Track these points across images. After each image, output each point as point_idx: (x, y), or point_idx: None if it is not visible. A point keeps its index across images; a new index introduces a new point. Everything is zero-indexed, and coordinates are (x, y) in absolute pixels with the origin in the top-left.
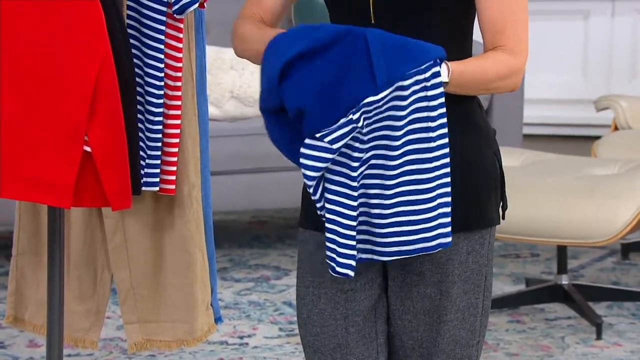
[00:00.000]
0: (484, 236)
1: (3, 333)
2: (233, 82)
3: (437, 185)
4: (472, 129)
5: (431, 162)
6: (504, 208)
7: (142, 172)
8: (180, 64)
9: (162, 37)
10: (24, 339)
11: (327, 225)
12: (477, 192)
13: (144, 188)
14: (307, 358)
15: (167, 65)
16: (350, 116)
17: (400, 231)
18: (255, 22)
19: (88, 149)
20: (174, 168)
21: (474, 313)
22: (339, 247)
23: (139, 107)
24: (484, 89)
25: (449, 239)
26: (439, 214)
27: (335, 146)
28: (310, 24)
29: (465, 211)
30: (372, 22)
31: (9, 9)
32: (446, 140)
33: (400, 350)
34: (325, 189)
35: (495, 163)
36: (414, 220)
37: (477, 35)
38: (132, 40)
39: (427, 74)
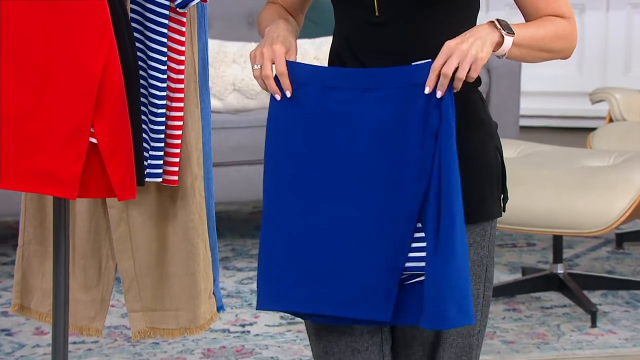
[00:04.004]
0: (485, 228)
1: (10, 321)
2: (235, 75)
3: None
4: (474, 122)
5: None
6: (505, 200)
7: (146, 163)
8: (182, 57)
9: (165, 31)
10: (30, 327)
11: None
12: (479, 185)
13: (147, 179)
14: (312, 345)
15: (170, 59)
16: None
17: None
18: (272, 9)
19: (94, 140)
20: (177, 159)
21: (475, 303)
22: None
23: (142, 100)
24: (544, 50)
25: None
26: None
27: None
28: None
29: (467, 204)
30: (377, 14)
31: (18, 7)
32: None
33: (402, 338)
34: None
35: (497, 156)
36: None
37: None
38: (135, 34)
39: None
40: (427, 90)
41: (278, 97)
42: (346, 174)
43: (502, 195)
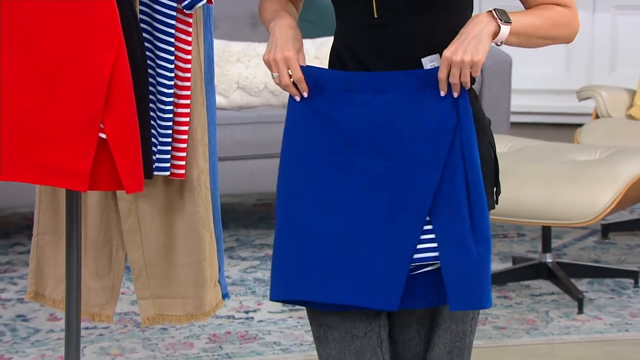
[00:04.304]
0: None
1: (25, 307)
2: (239, 74)
3: None
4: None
5: None
6: (498, 193)
7: (154, 157)
8: (189, 57)
9: (173, 31)
10: (45, 313)
11: None
12: None
13: (155, 172)
14: (313, 331)
15: (178, 58)
16: None
17: None
18: (273, 1)
19: (104, 136)
20: (184, 154)
21: None
22: None
23: (151, 97)
24: (542, 37)
25: None
26: None
27: None
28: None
29: None
30: (375, 16)
31: (32, 7)
32: None
33: (399, 325)
34: None
35: (491, 152)
36: None
37: None
38: (144, 35)
39: None
40: (442, 94)
41: (298, 98)
42: (360, 171)
43: (494, 189)
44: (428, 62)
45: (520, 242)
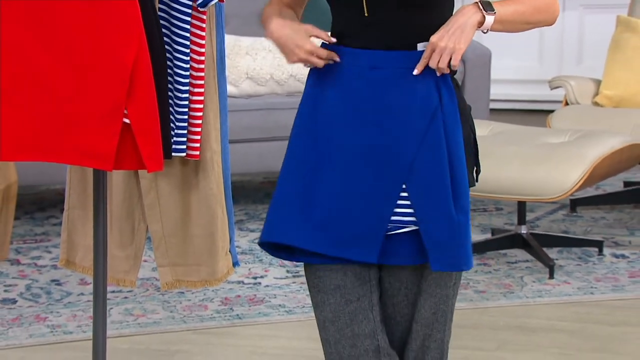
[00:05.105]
0: None
1: (59, 273)
2: (248, 65)
3: None
4: None
5: None
6: (478, 172)
7: (172, 140)
8: (203, 50)
9: (188, 27)
10: (76, 278)
11: None
12: None
13: (173, 153)
14: (312, 296)
15: (193, 51)
16: None
17: None
18: (274, 8)
19: (127, 121)
20: (199, 137)
21: None
22: None
23: (169, 86)
24: (525, 23)
25: None
26: None
27: None
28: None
29: None
30: (366, 14)
31: (63, 7)
32: None
33: (389, 290)
34: None
35: (471, 135)
36: None
37: None
38: (163, 30)
39: None
40: (415, 72)
41: (338, 58)
42: (353, 137)
43: (475, 168)
44: (422, 47)
45: (498, 215)
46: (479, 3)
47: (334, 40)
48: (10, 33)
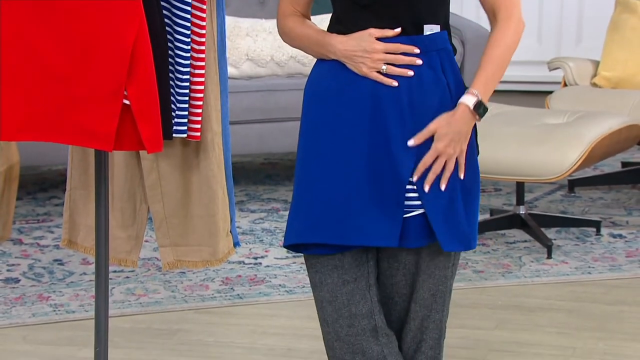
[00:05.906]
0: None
1: (61, 253)
2: (248, 47)
3: None
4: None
5: None
6: (477, 153)
7: (173, 121)
8: (204, 31)
9: (189, 9)
10: (78, 258)
11: None
12: None
13: (174, 134)
14: (310, 277)
15: (193, 32)
16: None
17: None
18: (296, 20)
19: (127, 102)
20: (199, 118)
21: None
22: None
23: (170, 67)
24: (505, 68)
25: None
26: None
27: None
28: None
29: None
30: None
31: None
32: None
33: (387, 270)
34: None
35: None
36: None
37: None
38: (164, 12)
39: None
40: (415, 178)
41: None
42: (368, 129)
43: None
44: (428, 30)
45: (497, 196)
46: (474, 109)
47: (398, 30)
48: (11, 14)
